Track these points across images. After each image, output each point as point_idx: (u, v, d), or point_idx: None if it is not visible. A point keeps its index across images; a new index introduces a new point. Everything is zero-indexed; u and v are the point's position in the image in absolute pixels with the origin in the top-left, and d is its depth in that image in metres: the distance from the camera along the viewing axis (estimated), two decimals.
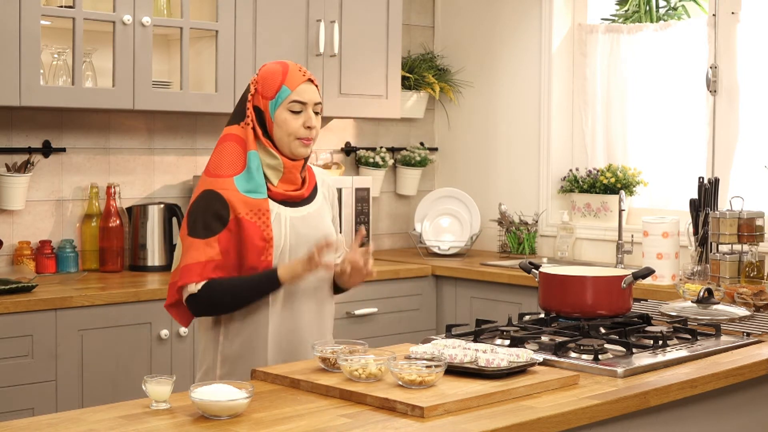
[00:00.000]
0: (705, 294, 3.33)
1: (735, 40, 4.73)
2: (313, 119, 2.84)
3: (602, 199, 5.18)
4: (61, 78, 4.23)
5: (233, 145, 2.83)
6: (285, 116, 2.82)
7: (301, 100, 2.82)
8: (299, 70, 2.85)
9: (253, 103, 2.85)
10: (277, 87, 2.82)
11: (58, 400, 3.77)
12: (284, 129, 2.82)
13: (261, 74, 2.87)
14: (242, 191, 2.78)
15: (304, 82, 2.83)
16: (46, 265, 4.32)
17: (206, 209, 2.76)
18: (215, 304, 2.77)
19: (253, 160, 2.81)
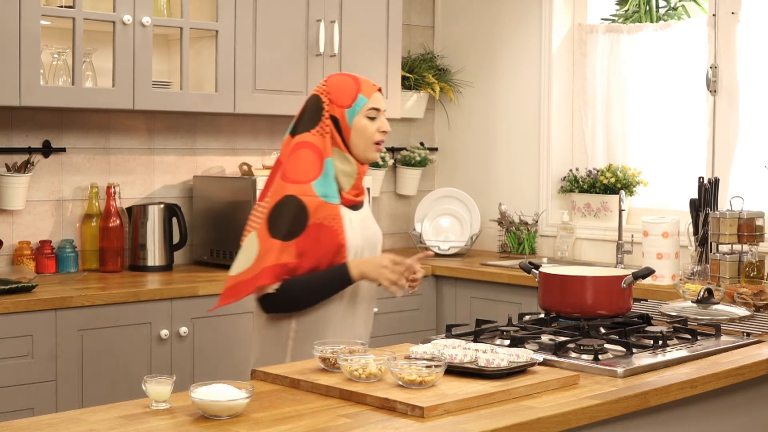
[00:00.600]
0: (705, 294, 3.32)
1: (735, 40, 4.73)
2: (386, 124, 3.04)
3: (602, 199, 5.18)
4: (61, 78, 4.23)
5: (309, 152, 2.97)
6: (364, 122, 3.00)
7: (376, 106, 3.02)
8: (368, 81, 3.06)
9: (330, 112, 3.00)
10: (353, 96, 3.00)
11: (58, 400, 3.77)
12: (363, 134, 3.00)
13: (331, 85, 3.03)
14: (319, 195, 2.93)
15: (376, 91, 3.04)
16: (46, 265, 4.32)
17: (287, 213, 2.91)
18: (290, 302, 2.94)
19: (330, 168, 2.97)
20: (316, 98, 3.03)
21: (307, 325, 2.99)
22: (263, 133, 5.08)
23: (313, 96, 3.04)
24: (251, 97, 4.58)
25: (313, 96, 3.05)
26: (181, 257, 4.75)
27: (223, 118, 4.93)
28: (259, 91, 4.60)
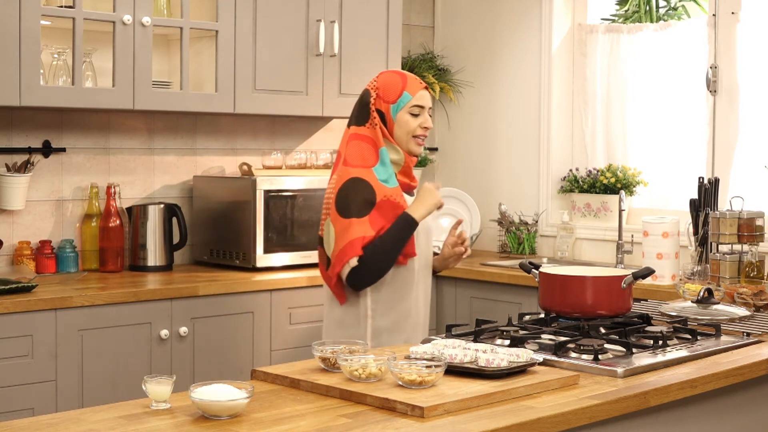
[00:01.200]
0: (705, 294, 3.32)
1: (735, 40, 4.73)
2: (429, 121, 3.28)
3: (602, 199, 5.18)
4: (61, 78, 4.23)
5: (360, 143, 3.23)
6: (406, 118, 3.24)
7: (420, 104, 3.25)
8: (416, 78, 3.29)
9: (375, 106, 3.25)
10: (399, 93, 3.24)
11: (58, 400, 3.77)
12: (404, 128, 3.24)
13: (381, 81, 3.29)
14: (380, 180, 3.19)
15: (422, 89, 3.27)
16: (46, 265, 4.32)
17: (356, 193, 3.16)
18: (375, 266, 3.15)
19: (385, 155, 3.22)
20: (366, 93, 3.29)
21: (381, 302, 3.23)
22: (263, 133, 5.08)
23: (365, 91, 3.31)
24: (251, 97, 4.58)
25: (364, 91, 3.31)
26: (181, 257, 4.75)
27: (223, 118, 4.93)
28: (259, 91, 4.60)
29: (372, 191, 3.16)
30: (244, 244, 4.54)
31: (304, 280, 4.44)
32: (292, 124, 5.17)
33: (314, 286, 4.47)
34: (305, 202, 4.69)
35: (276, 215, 4.58)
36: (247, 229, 4.52)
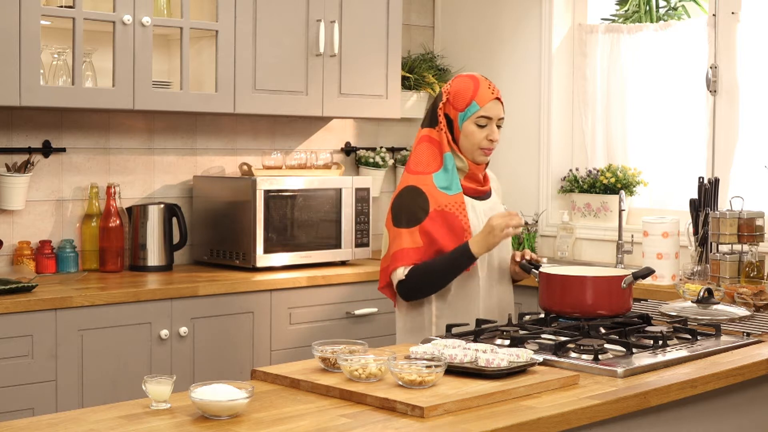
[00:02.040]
0: (705, 294, 3.33)
1: (735, 40, 4.73)
2: (496, 133, 3.21)
3: (602, 199, 5.18)
4: (61, 78, 4.23)
5: (429, 146, 3.23)
6: (472, 128, 3.20)
7: (487, 115, 3.20)
8: (488, 87, 3.21)
9: (444, 111, 3.23)
10: (467, 101, 3.19)
11: (58, 400, 3.77)
12: (470, 139, 3.20)
13: (453, 86, 3.24)
14: (439, 187, 3.17)
15: (492, 100, 3.20)
16: (46, 265, 4.32)
17: (410, 203, 3.15)
18: (420, 286, 3.14)
19: (449, 161, 3.20)
20: (438, 95, 3.27)
21: (447, 308, 3.22)
22: (263, 133, 5.08)
23: (438, 92, 3.30)
24: (251, 97, 4.58)
25: (438, 92, 3.30)
26: (181, 257, 4.76)
27: (223, 118, 4.93)
28: (259, 91, 4.60)
29: (426, 201, 3.14)
30: (244, 244, 4.54)
31: (304, 280, 4.44)
32: (292, 124, 5.17)
33: (314, 287, 4.48)
34: (305, 202, 4.69)
35: (276, 215, 4.58)
36: (247, 229, 4.52)
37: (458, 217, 3.15)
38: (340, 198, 4.78)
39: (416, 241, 3.12)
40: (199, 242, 4.77)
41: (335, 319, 4.56)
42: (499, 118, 3.22)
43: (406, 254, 3.12)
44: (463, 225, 3.16)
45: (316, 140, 5.27)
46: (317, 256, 4.72)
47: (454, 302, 3.22)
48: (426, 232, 3.13)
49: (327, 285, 4.52)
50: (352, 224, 4.82)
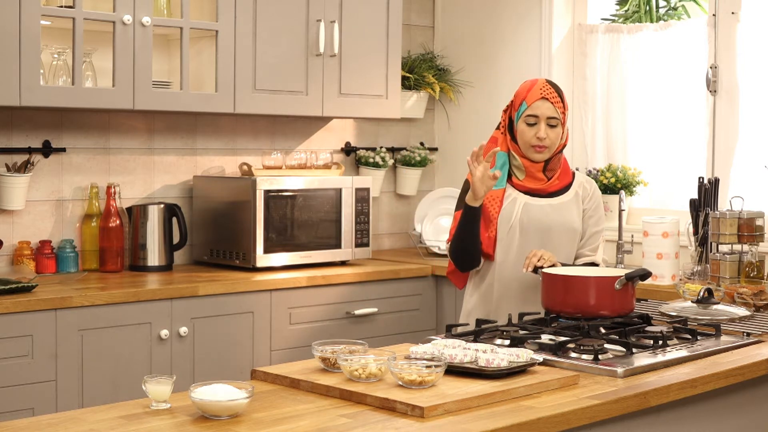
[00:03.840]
0: (705, 294, 3.32)
1: (735, 40, 4.72)
2: (542, 131, 3.35)
3: (602, 199, 5.16)
4: (61, 78, 4.23)
5: (491, 145, 3.44)
6: (522, 127, 3.39)
7: (534, 114, 3.37)
8: (540, 88, 3.38)
9: (508, 113, 3.46)
10: (520, 102, 3.40)
11: (58, 400, 3.77)
12: (522, 138, 3.40)
13: (517, 90, 3.46)
14: None
15: (539, 99, 3.36)
16: (46, 265, 4.32)
17: (462, 192, 3.41)
18: (455, 249, 3.38)
19: (499, 159, 3.41)
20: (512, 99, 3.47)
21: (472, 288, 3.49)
22: (263, 133, 5.08)
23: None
24: (251, 97, 4.57)
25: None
26: (181, 257, 4.76)
27: (223, 118, 4.93)
28: (259, 91, 4.60)
29: (467, 191, 3.32)
30: (244, 244, 4.54)
31: (304, 280, 4.44)
32: (292, 124, 5.17)
33: (314, 287, 4.48)
34: (305, 202, 4.69)
35: (276, 215, 4.58)
36: (247, 229, 4.52)
37: (488, 208, 3.36)
38: (340, 198, 4.78)
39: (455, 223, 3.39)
40: (199, 242, 4.77)
41: (335, 319, 4.56)
42: (548, 117, 3.35)
43: (452, 231, 3.40)
44: (490, 216, 3.37)
45: (316, 140, 5.27)
46: (317, 256, 4.72)
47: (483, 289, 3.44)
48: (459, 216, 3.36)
49: (327, 285, 4.52)
50: (352, 224, 4.82)
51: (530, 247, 3.36)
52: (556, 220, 3.41)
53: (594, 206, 3.55)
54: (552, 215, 3.42)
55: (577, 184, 3.52)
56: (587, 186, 3.55)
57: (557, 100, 3.38)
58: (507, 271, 3.40)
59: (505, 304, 3.37)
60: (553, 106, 3.36)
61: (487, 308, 3.42)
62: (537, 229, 3.39)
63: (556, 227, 3.42)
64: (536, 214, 3.40)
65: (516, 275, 3.37)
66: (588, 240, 3.51)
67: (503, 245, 3.39)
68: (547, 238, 3.39)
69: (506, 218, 3.38)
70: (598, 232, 3.54)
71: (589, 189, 3.55)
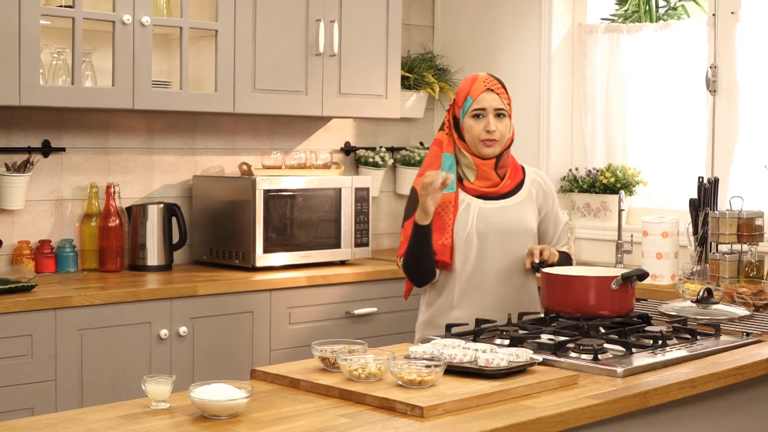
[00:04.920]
0: (704, 294, 3.32)
1: (735, 40, 4.73)
2: (491, 123, 3.25)
3: (602, 199, 5.17)
4: (61, 78, 4.23)
5: (435, 148, 3.35)
6: (470, 122, 3.28)
7: (480, 107, 3.26)
8: (484, 81, 3.29)
9: (452, 112, 3.34)
10: (464, 97, 3.29)
11: (58, 399, 3.77)
12: (470, 134, 3.28)
13: (458, 87, 3.35)
14: None
15: (484, 91, 3.26)
16: (46, 264, 4.32)
17: (408, 202, 3.31)
18: (409, 266, 3.28)
19: (446, 161, 3.30)
20: (453, 98, 3.37)
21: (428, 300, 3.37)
22: (263, 133, 5.08)
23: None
24: (251, 97, 4.57)
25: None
26: (181, 257, 4.75)
27: (223, 118, 4.92)
28: (258, 90, 4.60)
29: (416, 200, 3.23)
30: (243, 244, 4.54)
31: (303, 280, 4.44)
32: (292, 123, 5.17)
33: (314, 286, 4.48)
34: (305, 202, 4.69)
35: (275, 215, 4.58)
36: (247, 229, 4.52)
37: (442, 215, 3.24)
38: (339, 198, 4.78)
39: (404, 236, 3.28)
40: (199, 242, 4.77)
41: (335, 319, 4.55)
42: (495, 108, 3.26)
43: (402, 245, 3.29)
44: (446, 222, 3.24)
45: (316, 140, 5.27)
46: (317, 256, 4.72)
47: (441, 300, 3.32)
48: (408, 227, 3.25)
49: (326, 285, 4.52)
50: (351, 224, 4.82)
51: (489, 253, 3.27)
52: (513, 222, 3.29)
53: (551, 204, 3.44)
54: (508, 218, 3.30)
55: (530, 182, 3.41)
56: (540, 182, 3.43)
57: (502, 91, 3.29)
58: (466, 280, 3.27)
59: (464, 314, 3.24)
60: (499, 97, 3.27)
61: (446, 318, 3.26)
62: (495, 235, 3.27)
63: (514, 230, 3.30)
64: (493, 219, 3.28)
65: (476, 284, 3.27)
66: (558, 239, 3.43)
67: (461, 254, 3.26)
68: (505, 242, 3.28)
69: (462, 226, 3.25)
70: (563, 228, 3.46)
71: (543, 185, 3.43)
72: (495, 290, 3.28)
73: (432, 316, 3.34)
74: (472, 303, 3.27)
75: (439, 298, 3.32)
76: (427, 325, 3.35)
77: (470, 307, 3.26)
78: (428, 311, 3.36)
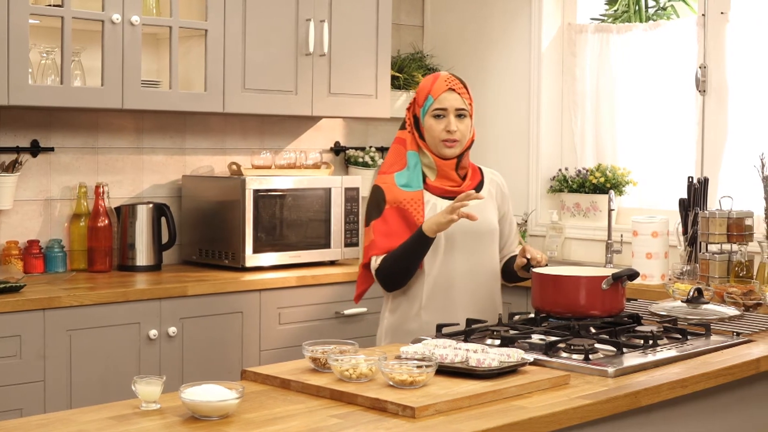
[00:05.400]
0: (695, 294, 3.33)
1: (724, 39, 4.73)
2: (452, 124, 3.21)
3: (592, 199, 5.18)
4: (50, 77, 4.21)
5: (397, 146, 3.30)
6: (430, 122, 3.24)
7: (441, 107, 3.22)
8: (445, 80, 3.25)
9: (412, 111, 3.30)
10: (425, 96, 3.25)
11: (47, 400, 3.76)
12: (430, 133, 3.24)
13: (419, 85, 3.30)
14: (399, 185, 3.22)
15: (446, 91, 3.23)
16: (34, 265, 4.31)
17: (372, 201, 3.25)
18: (390, 274, 3.20)
19: (411, 159, 3.26)
20: (413, 97, 3.31)
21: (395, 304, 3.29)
22: (252, 133, 5.07)
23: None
24: (241, 97, 4.56)
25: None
26: (170, 257, 4.74)
27: (213, 118, 4.91)
28: (248, 90, 4.59)
29: (383, 198, 3.21)
30: (233, 244, 4.53)
31: (293, 280, 4.44)
32: (282, 123, 5.16)
33: (304, 286, 4.47)
34: (294, 202, 4.68)
35: (265, 215, 4.57)
36: (237, 229, 4.51)
37: (412, 213, 3.19)
38: (329, 198, 4.77)
39: (369, 236, 3.21)
40: (188, 242, 4.76)
41: (325, 319, 4.55)
42: (456, 108, 3.22)
43: (376, 244, 3.20)
44: (416, 221, 3.18)
45: (306, 140, 5.26)
46: (306, 256, 4.71)
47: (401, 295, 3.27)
48: (379, 227, 3.20)
49: (316, 285, 4.51)
50: (341, 224, 4.81)
51: (456, 254, 3.24)
52: (479, 222, 3.22)
53: (508, 205, 3.44)
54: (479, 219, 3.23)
55: (488, 182, 3.40)
56: (498, 182, 3.43)
57: (463, 91, 3.26)
58: (434, 282, 3.24)
59: (432, 316, 3.21)
60: (461, 97, 3.23)
61: (414, 322, 3.24)
62: (462, 235, 3.24)
63: (480, 230, 3.27)
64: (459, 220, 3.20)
65: (443, 285, 3.24)
66: (513, 239, 3.44)
67: (429, 255, 3.21)
68: (472, 242, 3.27)
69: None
70: (516, 229, 3.48)
71: (501, 186, 3.43)
72: (463, 290, 3.26)
73: (399, 320, 3.29)
74: (440, 304, 3.24)
75: (407, 300, 3.27)
76: (395, 331, 3.30)
77: (438, 308, 3.23)
78: (393, 315, 3.30)
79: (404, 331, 3.25)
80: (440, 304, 3.24)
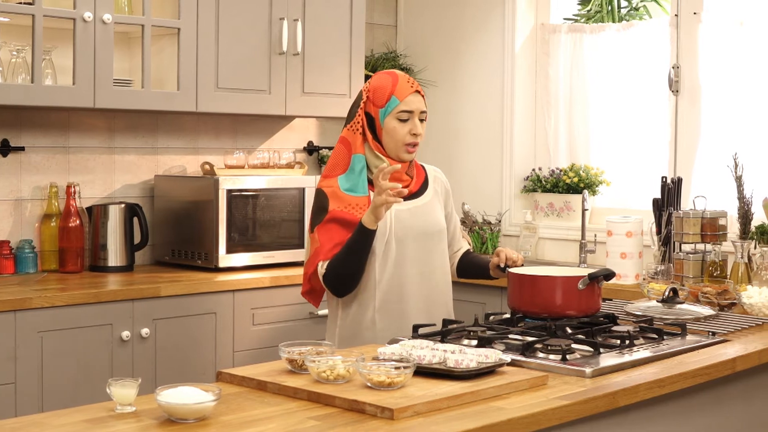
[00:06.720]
0: (670, 293, 3.33)
1: (697, 40, 4.75)
2: (418, 127, 3.15)
3: (565, 199, 5.18)
4: (20, 76, 4.17)
5: (341, 147, 3.19)
6: (394, 124, 3.13)
7: (408, 109, 3.13)
8: (407, 81, 3.15)
9: (365, 109, 3.17)
10: (387, 97, 3.13)
11: (18, 403, 3.72)
12: (393, 136, 3.14)
13: (372, 83, 3.18)
14: (344, 189, 3.13)
15: (412, 93, 3.14)
16: (5, 265, 4.26)
17: (315, 206, 3.15)
18: (339, 274, 3.08)
19: (357, 162, 3.15)
20: (359, 94, 3.20)
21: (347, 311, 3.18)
22: (225, 132, 5.04)
23: (359, 92, 3.21)
24: (213, 96, 4.53)
25: (359, 92, 3.21)
26: (143, 257, 4.71)
27: (185, 117, 4.88)
28: (221, 89, 4.56)
29: (326, 202, 3.12)
30: (206, 244, 4.50)
31: (267, 281, 4.41)
32: (255, 123, 5.13)
33: (277, 287, 4.44)
34: (268, 202, 4.65)
35: (238, 215, 4.54)
36: (210, 229, 4.48)
37: (357, 217, 3.07)
38: (303, 197, 4.75)
39: (315, 243, 3.11)
40: (161, 242, 4.72)
41: (299, 320, 4.53)
42: (420, 112, 3.15)
43: (321, 249, 3.09)
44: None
45: (279, 139, 5.23)
46: (280, 256, 4.69)
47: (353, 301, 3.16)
48: (324, 233, 3.09)
49: (290, 285, 4.48)
50: None
51: (408, 257, 3.16)
52: (428, 223, 3.20)
53: (451, 202, 3.39)
54: (423, 220, 3.21)
55: (432, 179, 3.33)
56: (441, 179, 3.37)
57: (424, 93, 3.20)
58: (386, 287, 3.15)
59: (385, 323, 3.14)
60: (423, 99, 3.18)
61: (366, 329, 3.16)
62: (413, 238, 3.17)
63: (430, 231, 3.22)
64: (408, 222, 3.18)
65: (396, 289, 3.16)
66: (458, 235, 3.41)
67: (381, 260, 3.13)
68: (423, 244, 3.20)
69: (381, 232, 3.11)
70: (459, 224, 3.42)
71: (444, 183, 3.38)
72: (416, 293, 3.19)
73: (351, 327, 3.18)
74: (394, 309, 3.15)
75: (358, 307, 3.17)
76: (348, 339, 3.18)
77: (392, 313, 3.15)
78: (344, 322, 3.19)
79: (360, 339, 3.14)
80: (394, 308, 3.15)
